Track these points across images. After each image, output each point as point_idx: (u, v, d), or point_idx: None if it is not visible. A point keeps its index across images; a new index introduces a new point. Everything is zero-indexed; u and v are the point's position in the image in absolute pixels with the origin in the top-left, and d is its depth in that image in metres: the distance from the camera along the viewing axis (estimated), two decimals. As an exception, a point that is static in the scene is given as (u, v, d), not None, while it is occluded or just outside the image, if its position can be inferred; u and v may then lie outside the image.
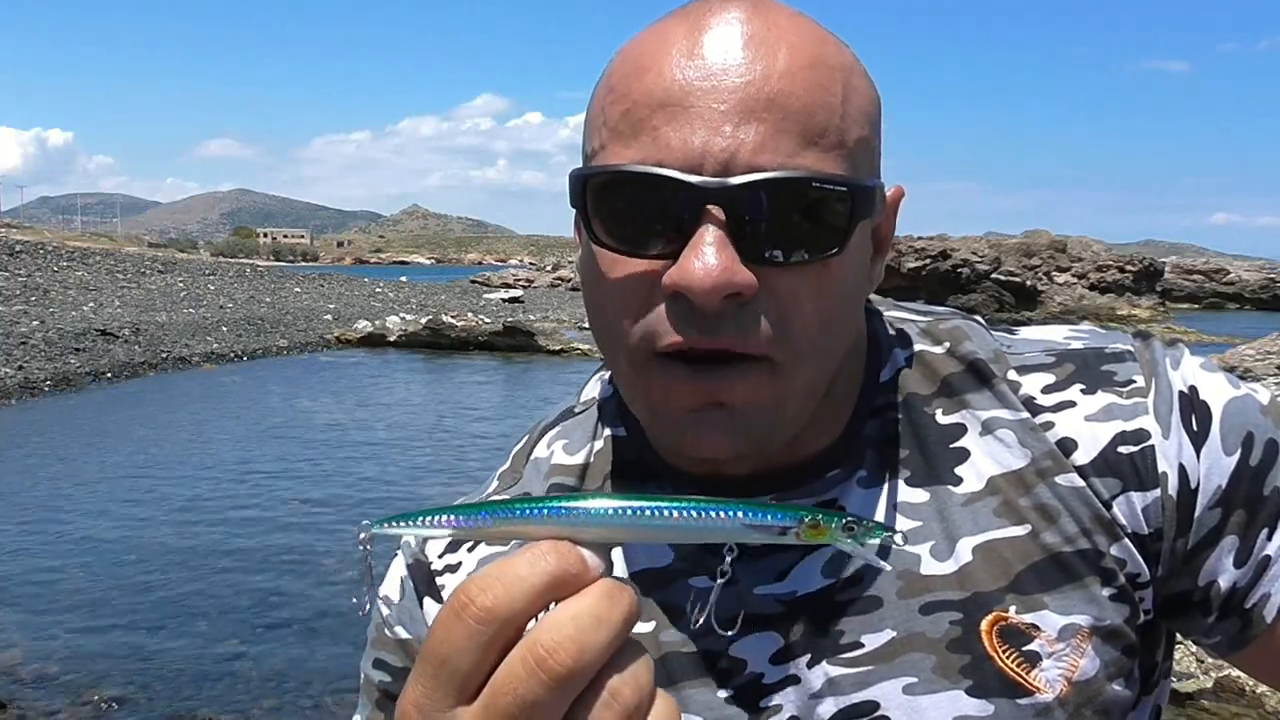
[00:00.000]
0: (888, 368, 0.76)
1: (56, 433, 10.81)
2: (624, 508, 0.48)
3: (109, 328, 17.43)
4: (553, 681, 0.44)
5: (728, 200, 0.59)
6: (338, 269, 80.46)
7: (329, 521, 7.56)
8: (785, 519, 0.50)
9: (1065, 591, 0.68)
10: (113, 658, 5.08)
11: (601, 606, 0.46)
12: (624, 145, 0.62)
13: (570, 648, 0.44)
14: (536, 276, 51.29)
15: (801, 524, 0.50)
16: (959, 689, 0.67)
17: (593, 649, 0.45)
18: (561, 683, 0.45)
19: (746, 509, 0.50)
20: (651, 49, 0.64)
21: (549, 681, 0.44)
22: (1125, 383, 0.71)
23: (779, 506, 0.50)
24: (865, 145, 0.65)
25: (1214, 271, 40.55)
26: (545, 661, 0.44)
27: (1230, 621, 0.70)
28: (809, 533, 0.50)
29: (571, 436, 0.82)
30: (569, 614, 0.45)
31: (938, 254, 30.32)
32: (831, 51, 0.64)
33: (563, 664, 0.44)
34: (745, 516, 0.49)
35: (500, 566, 0.46)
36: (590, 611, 0.45)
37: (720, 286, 0.58)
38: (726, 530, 0.50)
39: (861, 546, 0.51)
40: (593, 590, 0.46)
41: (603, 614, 0.45)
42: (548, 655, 0.45)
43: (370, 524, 0.52)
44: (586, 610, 0.45)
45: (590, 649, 0.45)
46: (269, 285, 30.55)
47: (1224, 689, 3.87)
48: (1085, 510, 0.69)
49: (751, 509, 0.50)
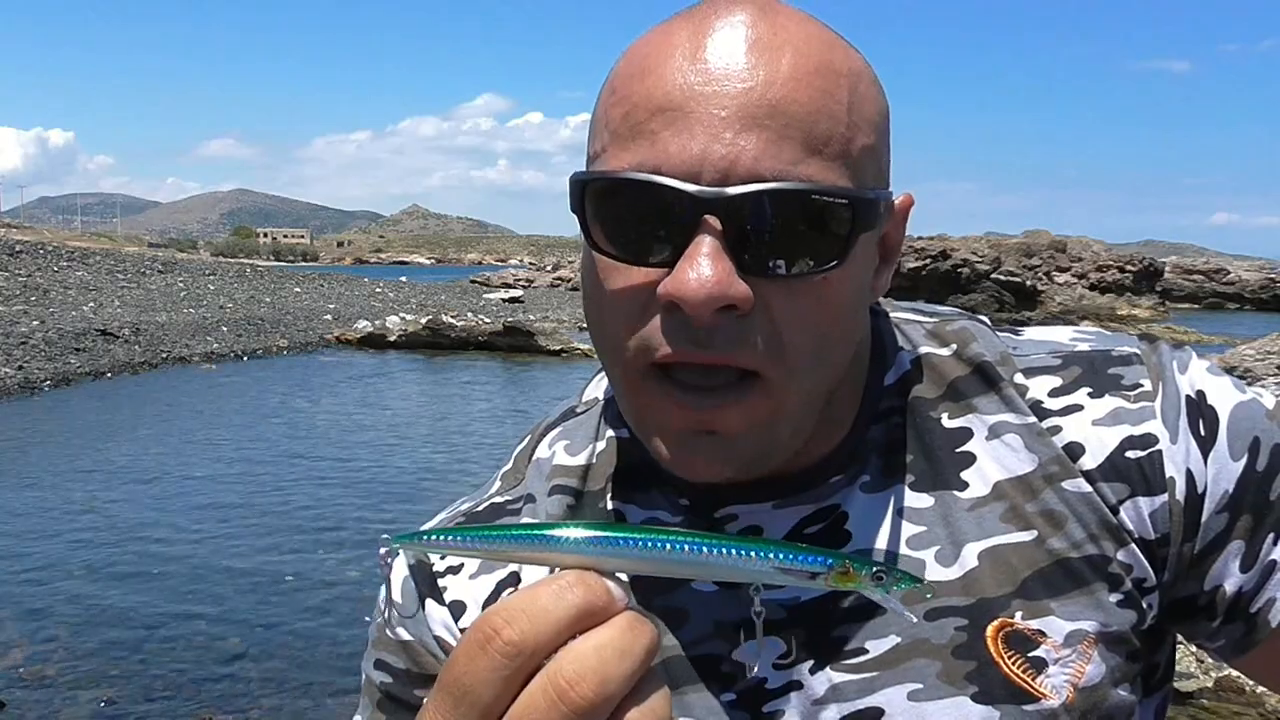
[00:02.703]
0: (893, 371, 0.75)
1: (56, 433, 10.80)
2: (657, 541, 0.48)
3: (109, 328, 17.43)
4: (574, 713, 0.44)
5: (725, 210, 0.57)
6: (338, 269, 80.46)
7: (329, 522, 7.55)
8: (816, 564, 0.50)
9: (1072, 597, 0.67)
10: (112, 658, 5.07)
11: (625, 639, 0.45)
12: (623, 149, 0.61)
13: (593, 680, 0.44)
14: (536, 276, 51.27)
15: (831, 570, 0.50)
16: (964, 695, 0.66)
17: (615, 681, 0.44)
18: (582, 715, 0.44)
19: (779, 551, 0.49)
20: (654, 51, 0.62)
21: (570, 713, 0.44)
22: (1132, 387, 0.70)
23: (810, 550, 0.50)
24: (871, 154, 0.63)
25: (1214, 271, 40.56)
26: (567, 693, 0.44)
27: (1235, 626, 0.70)
28: (838, 578, 0.50)
29: (573, 437, 0.81)
30: (592, 645, 0.45)
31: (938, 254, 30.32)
32: (839, 57, 0.63)
33: (584, 696, 0.44)
34: (777, 559, 0.49)
35: (525, 598, 0.46)
36: (614, 644, 0.45)
37: (714, 298, 0.57)
38: (757, 571, 0.50)
39: (888, 595, 0.51)
40: (617, 622, 0.46)
41: (626, 646, 0.45)
42: (569, 687, 0.44)
43: (391, 539, 0.51)
44: (610, 642, 0.45)
45: (612, 681, 0.44)
46: (269, 285, 30.53)
47: (1224, 689, 3.87)
48: (1092, 515, 0.68)
49: (785, 551, 0.50)
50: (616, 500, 0.77)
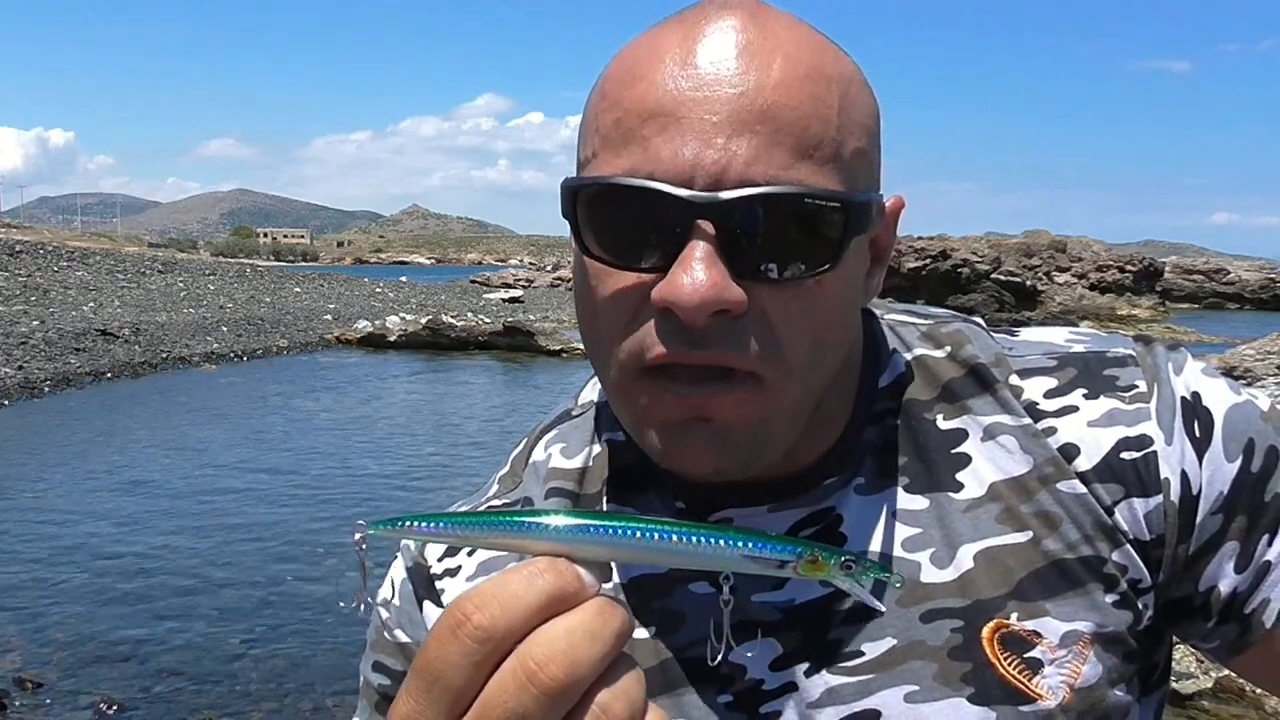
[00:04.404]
0: (887, 373, 0.75)
1: (56, 433, 10.81)
2: (628, 528, 0.48)
3: (109, 328, 17.43)
4: (543, 695, 0.44)
5: (718, 214, 0.58)
6: (338, 269, 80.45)
7: (329, 522, 7.55)
8: (784, 552, 0.50)
9: (1067, 598, 0.67)
10: (112, 659, 5.08)
11: (595, 622, 0.45)
12: (614, 155, 0.61)
13: (562, 662, 0.44)
14: (536, 276, 51.27)
15: (800, 559, 0.50)
16: (960, 697, 0.66)
17: (585, 664, 0.45)
18: (552, 697, 0.44)
19: (748, 539, 0.50)
20: (645, 56, 0.62)
21: (540, 695, 0.44)
22: (1128, 388, 0.70)
23: (779, 539, 0.50)
24: (862, 157, 0.63)
25: (1214, 271, 40.57)
26: (536, 675, 0.44)
27: (1229, 627, 0.70)
28: (807, 568, 0.50)
29: (569, 440, 0.82)
30: (562, 628, 0.45)
31: (938, 254, 30.32)
32: (829, 61, 0.63)
33: (554, 678, 0.44)
34: (745, 547, 0.49)
35: (497, 584, 0.46)
36: (583, 626, 0.45)
37: (708, 303, 0.57)
38: (725, 559, 0.50)
39: (859, 585, 0.52)
40: (587, 606, 0.46)
41: (595, 629, 0.45)
42: (539, 669, 0.44)
43: (367, 524, 0.51)
44: (579, 625, 0.45)
45: (582, 664, 0.45)
46: (269, 285, 30.53)
47: (1224, 689, 3.87)
48: (1087, 516, 0.68)
49: (753, 539, 0.50)
50: (612, 503, 0.77)
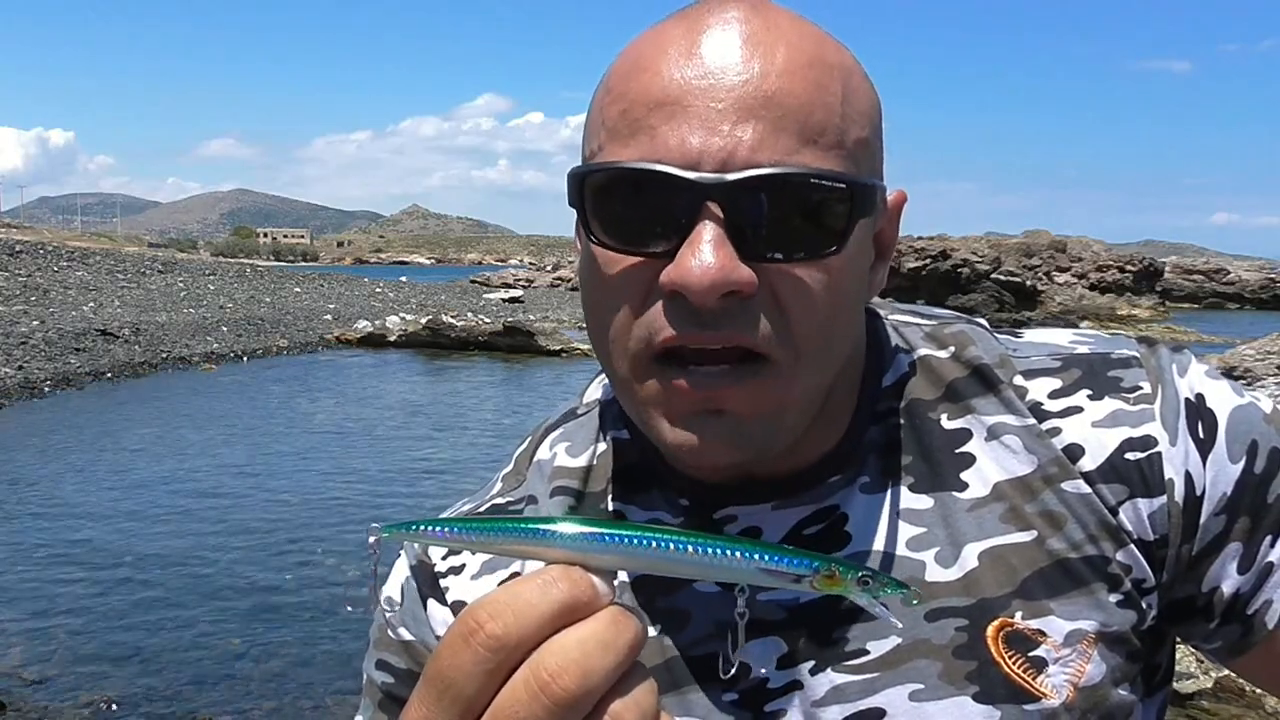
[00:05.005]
0: (890, 372, 0.75)
1: (56, 433, 10.80)
2: (644, 538, 0.48)
3: (109, 328, 17.43)
4: (556, 706, 0.44)
5: (726, 197, 0.58)
6: (338, 269, 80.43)
7: (329, 522, 7.55)
8: (801, 566, 0.50)
9: (1071, 597, 0.68)
10: (112, 658, 5.08)
11: (608, 632, 0.45)
12: (622, 145, 0.62)
13: (575, 672, 0.44)
14: (536, 276, 51.28)
15: (817, 574, 0.50)
16: (965, 695, 0.66)
17: (597, 674, 0.44)
18: (565, 707, 0.44)
19: (764, 552, 0.49)
20: (649, 50, 0.63)
21: (552, 706, 0.44)
22: (1132, 389, 0.70)
23: (796, 553, 0.50)
24: (865, 146, 0.64)
25: (1214, 271, 40.60)
26: (549, 686, 0.44)
27: (1231, 627, 0.70)
28: (823, 582, 0.50)
29: (574, 439, 0.82)
30: (575, 638, 0.45)
31: (938, 254, 30.32)
32: (830, 52, 0.64)
33: (566, 689, 0.44)
34: (761, 560, 0.49)
35: (510, 592, 0.46)
36: (596, 637, 0.45)
37: (718, 284, 0.58)
38: (741, 571, 0.49)
39: (875, 600, 0.51)
40: (600, 616, 0.45)
41: (609, 639, 0.45)
42: (551, 680, 0.44)
43: (381, 528, 0.51)
44: (592, 635, 0.45)
45: (595, 674, 0.44)
46: (269, 285, 30.52)
47: (1224, 689, 3.87)
48: (1091, 516, 0.68)
49: (770, 552, 0.49)
50: (617, 501, 0.77)
